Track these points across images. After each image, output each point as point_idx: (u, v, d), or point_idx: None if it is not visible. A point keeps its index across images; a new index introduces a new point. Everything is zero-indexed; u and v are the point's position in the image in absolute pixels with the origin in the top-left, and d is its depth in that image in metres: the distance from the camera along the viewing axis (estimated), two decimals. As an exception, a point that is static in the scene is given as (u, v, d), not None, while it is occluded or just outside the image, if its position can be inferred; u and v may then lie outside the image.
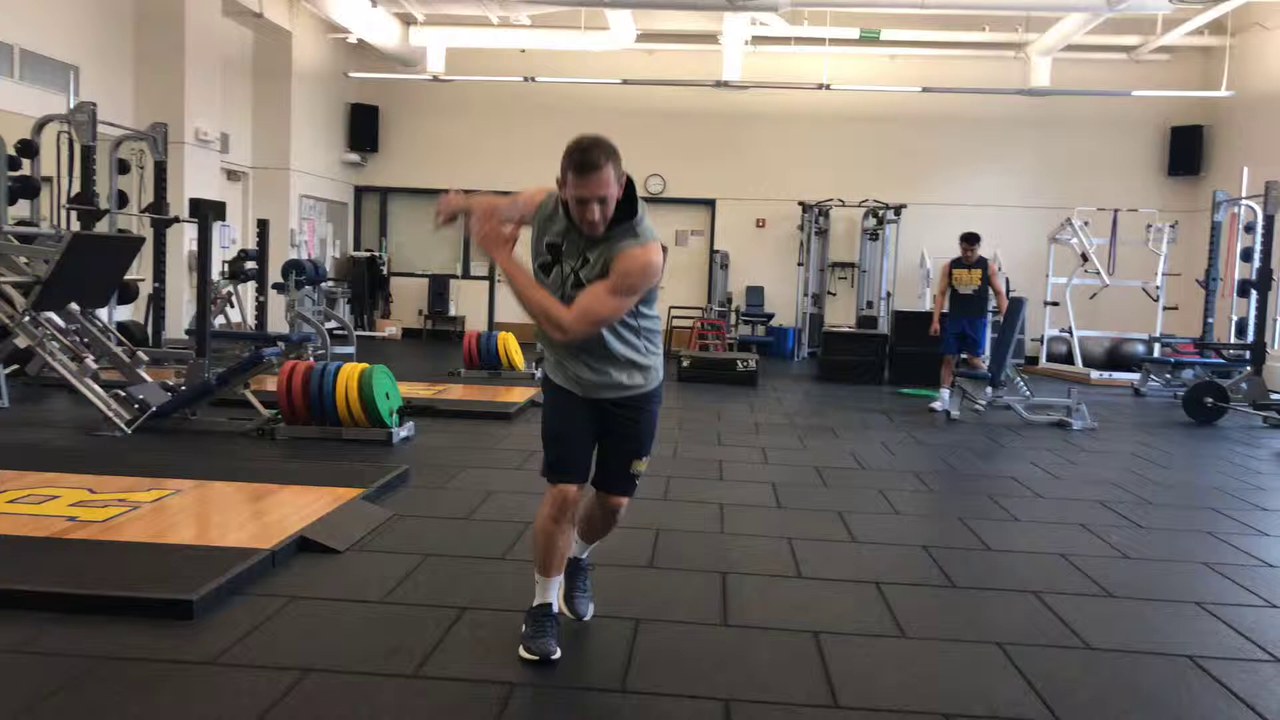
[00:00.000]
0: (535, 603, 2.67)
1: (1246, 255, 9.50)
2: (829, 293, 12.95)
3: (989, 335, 8.02)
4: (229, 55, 10.69)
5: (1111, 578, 3.56)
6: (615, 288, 2.44)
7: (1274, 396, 8.27)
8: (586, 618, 2.87)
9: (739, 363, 9.56)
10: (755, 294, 13.09)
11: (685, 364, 9.60)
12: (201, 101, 9.79)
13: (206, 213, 6.81)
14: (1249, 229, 9.66)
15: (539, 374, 8.68)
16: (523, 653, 2.58)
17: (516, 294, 2.48)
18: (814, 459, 5.72)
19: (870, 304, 12.53)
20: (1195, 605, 3.28)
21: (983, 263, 7.90)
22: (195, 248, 7.29)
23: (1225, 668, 2.74)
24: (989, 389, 7.53)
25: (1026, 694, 2.52)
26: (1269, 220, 8.68)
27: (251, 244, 9.59)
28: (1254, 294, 8.88)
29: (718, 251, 12.91)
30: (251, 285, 9.42)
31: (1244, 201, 9.85)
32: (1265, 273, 8.68)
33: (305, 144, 12.03)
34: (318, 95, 12.31)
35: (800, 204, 12.60)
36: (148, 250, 8.27)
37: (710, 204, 13.37)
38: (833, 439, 6.48)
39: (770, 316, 12.89)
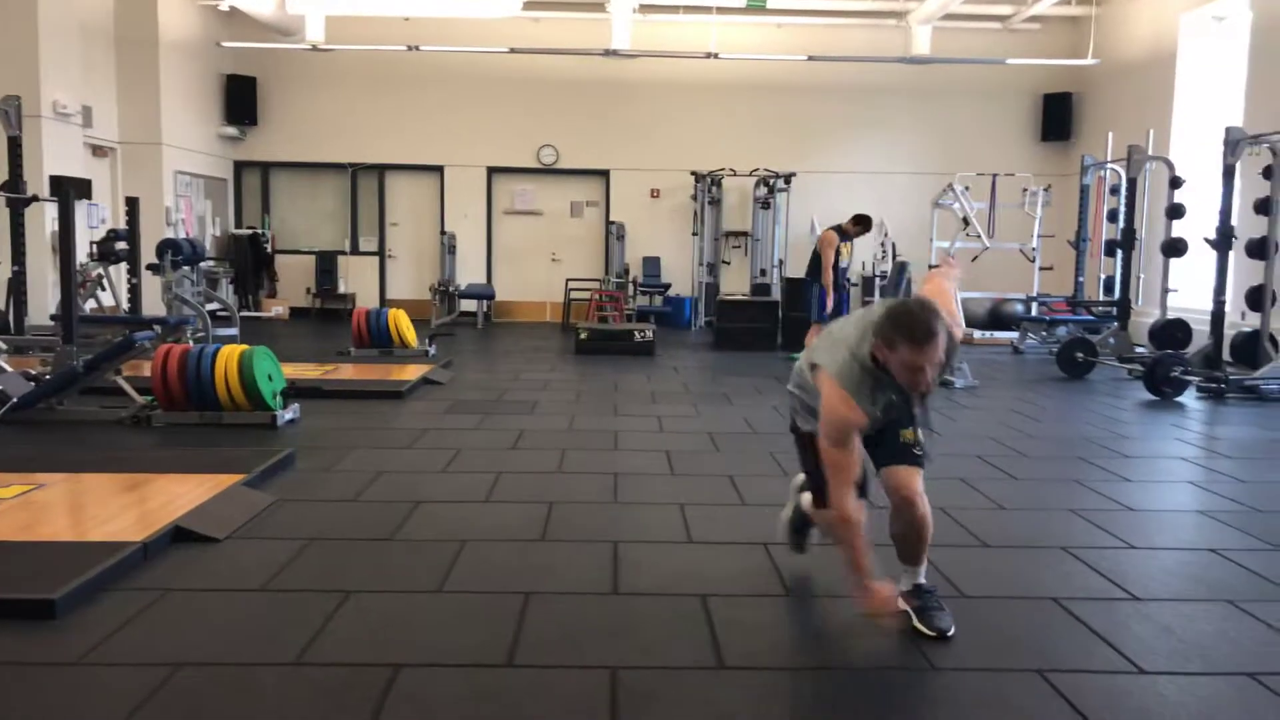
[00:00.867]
0: None
1: (1112, 216, 9.98)
2: (724, 262, 13.08)
3: None
4: (87, 21, 10.05)
5: (987, 528, 3.72)
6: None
7: (1138, 350, 8.76)
8: (950, 632, 2.66)
9: (636, 333, 9.59)
10: (652, 264, 13.11)
11: (583, 336, 9.58)
12: (58, 72, 9.19)
13: (68, 190, 6.44)
14: (1114, 191, 10.15)
15: (433, 350, 8.61)
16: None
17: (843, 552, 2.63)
18: (708, 425, 5.79)
19: (764, 272, 12.71)
20: (1061, 550, 3.46)
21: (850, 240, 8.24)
22: (58, 228, 6.88)
23: (1087, 607, 2.89)
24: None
25: (905, 644, 2.61)
26: (1131, 183, 9.14)
27: (123, 223, 9.11)
28: (1119, 253, 9.35)
29: (614, 222, 12.87)
30: (124, 267, 8.96)
31: (1109, 165, 10.33)
32: (1129, 233, 9.15)
33: (177, 117, 11.44)
34: (189, 65, 11.71)
35: (693, 174, 12.65)
36: (3, 231, 7.77)
37: (605, 174, 13.31)
38: (727, 405, 6.57)
39: (667, 286, 12.95)
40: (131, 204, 8.25)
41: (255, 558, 3.18)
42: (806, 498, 2.98)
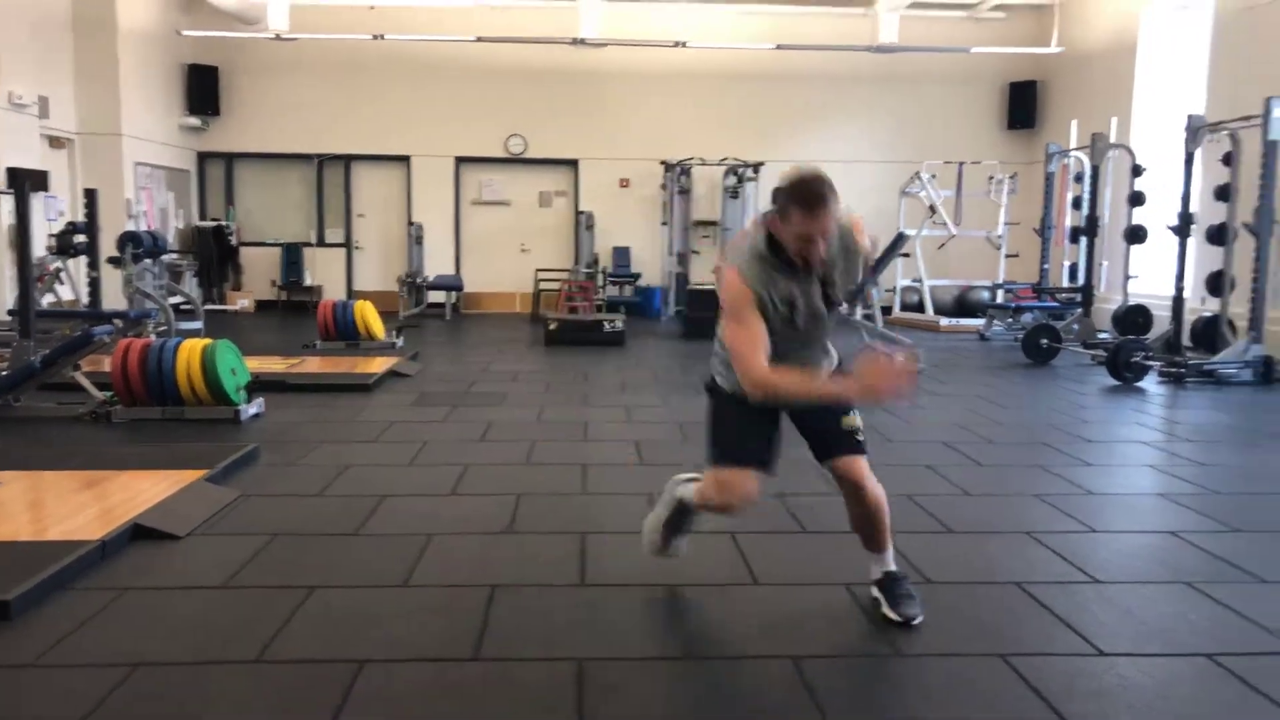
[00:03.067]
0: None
1: (1076, 204, 10.08)
2: (693, 251, 13.08)
3: None
4: (43, 11, 9.84)
5: (952, 515, 3.75)
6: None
7: (1101, 335, 8.87)
8: (916, 620, 2.63)
9: (606, 324, 9.57)
10: (622, 254, 13.09)
11: (552, 327, 9.54)
12: (13, 61, 9.00)
13: (24, 182, 6.30)
14: (1078, 179, 10.25)
15: (400, 342, 8.54)
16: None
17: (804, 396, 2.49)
18: (677, 415, 5.79)
19: (734, 261, 12.72)
20: (1025, 535, 3.49)
21: None
22: (14, 221, 6.73)
23: (1049, 591, 2.93)
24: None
25: (870, 630, 2.63)
26: (1095, 170, 9.24)
27: (82, 216, 8.95)
28: (1083, 240, 9.45)
29: (583, 212, 12.83)
30: (83, 260, 8.80)
31: (1073, 153, 10.43)
32: (1092, 220, 9.25)
33: (138, 107, 11.24)
34: (149, 55, 11.50)
35: (662, 163, 12.62)
36: (-41, 225, 7.61)
37: (573, 164, 13.25)
38: (695, 395, 6.53)
39: (637, 276, 12.93)
40: (90, 196, 8.10)
41: (217, 554, 3.14)
42: (689, 489, 2.83)
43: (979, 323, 10.86)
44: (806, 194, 2.35)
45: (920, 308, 11.75)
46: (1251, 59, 8.64)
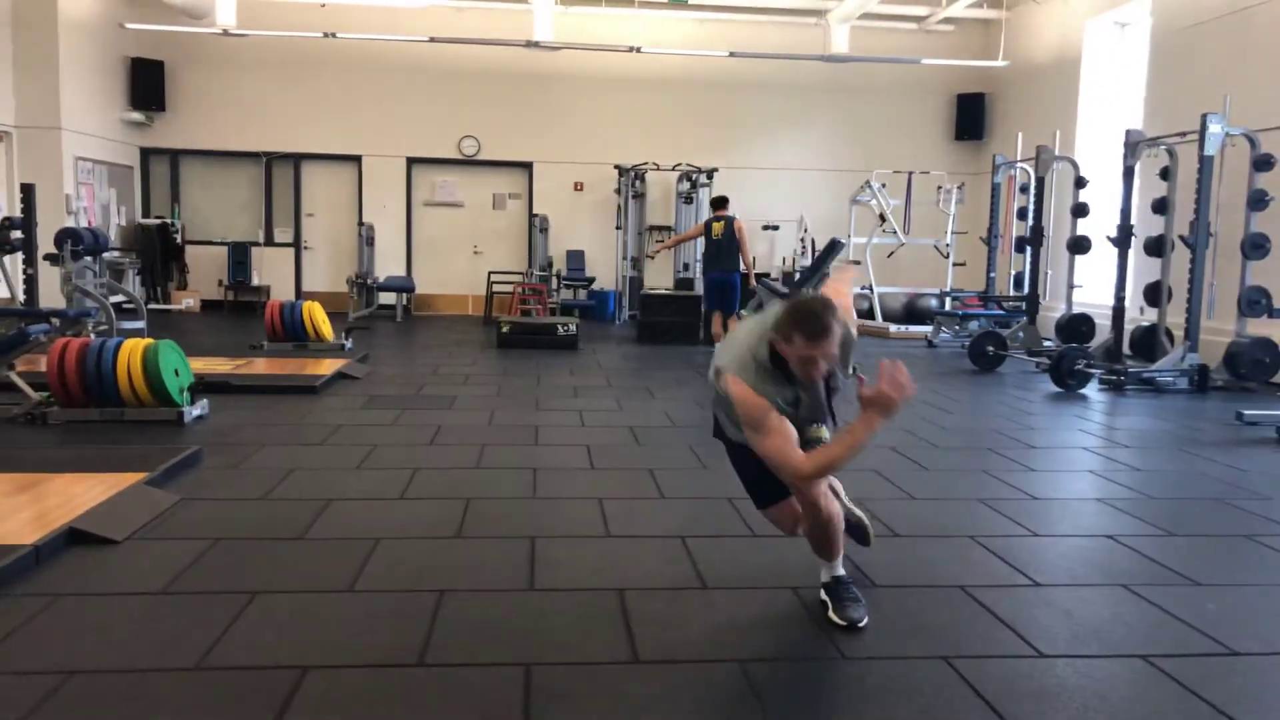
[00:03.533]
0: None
1: (1022, 214, 10.30)
2: (647, 256, 13.11)
3: None
4: (-20, 0, 9.58)
5: (898, 518, 3.80)
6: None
7: (1045, 343, 9.06)
8: (861, 623, 2.69)
9: (559, 327, 9.54)
10: (576, 258, 13.07)
11: (505, 330, 9.49)
12: (-52, 51, 8.73)
13: (-44, 176, 6.11)
14: (1024, 190, 10.48)
15: (349, 344, 8.42)
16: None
17: (849, 455, 2.52)
18: (629, 419, 5.80)
19: (686, 266, 12.78)
20: (969, 539, 3.55)
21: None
22: (-55, 216, 6.52)
23: (992, 594, 2.98)
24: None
25: (816, 634, 2.65)
26: (1040, 182, 9.45)
27: (18, 211, 8.68)
28: (1028, 250, 9.65)
29: (537, 215, 12.79)
30: (19, 257, 8.53)
31: (1019, 164, 10.66)
32: (1037, 230, 9.46)
33: (79, 101, 10.96)
34: (91, 47, 11.22)
35: (616, 167, 12.64)
36: (-113, 219, 7.34)
37: (528, 167, 13.20)
38: (649, 399, 6.59)
39: (591, 280, 12.92)
40: (27, 191, 7.87)
41: (156, 559, 3.07)
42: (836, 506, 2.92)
43: (927, 329, 11.03)
44: (811, 325, 2.44)
45: (870, 314, 11.90)
46: (1187, 77, 8.91)
